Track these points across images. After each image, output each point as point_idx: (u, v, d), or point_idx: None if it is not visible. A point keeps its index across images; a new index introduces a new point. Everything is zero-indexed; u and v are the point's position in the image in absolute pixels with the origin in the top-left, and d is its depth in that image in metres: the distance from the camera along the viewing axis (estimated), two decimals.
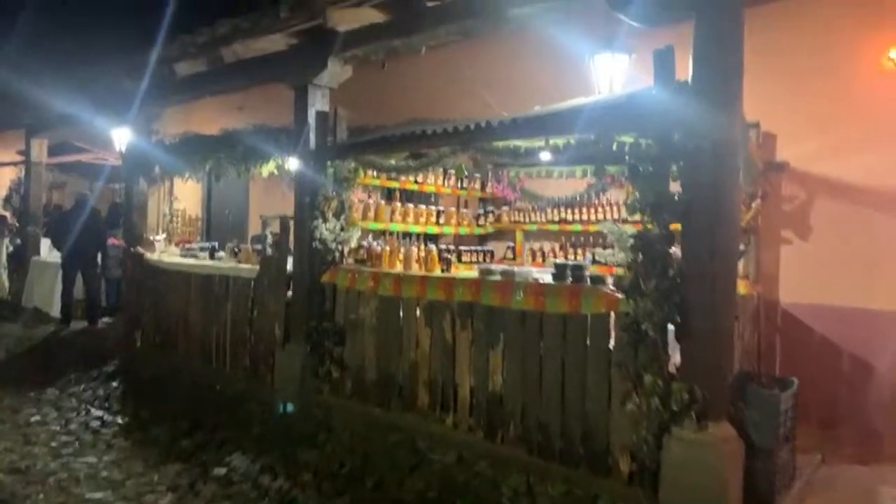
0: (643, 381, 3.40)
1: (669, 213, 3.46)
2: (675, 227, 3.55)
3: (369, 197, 6.07)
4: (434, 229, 6.67)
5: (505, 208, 7.30)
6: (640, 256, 3.48)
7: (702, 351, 3.43)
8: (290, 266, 5.85)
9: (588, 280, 4.11)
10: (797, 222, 5.45)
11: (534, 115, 4.19)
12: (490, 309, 4.45)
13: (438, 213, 6.69)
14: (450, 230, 6.89)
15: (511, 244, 7.22)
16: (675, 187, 3.58)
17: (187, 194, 11.64)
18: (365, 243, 5.79)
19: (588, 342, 3.97)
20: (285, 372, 5.72)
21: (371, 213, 5.96)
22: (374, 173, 5.86)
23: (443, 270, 5.07)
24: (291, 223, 5.85)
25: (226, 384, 6.04)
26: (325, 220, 5.54)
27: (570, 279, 4.18)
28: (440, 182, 6.68)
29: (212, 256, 7.06)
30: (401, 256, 5.57)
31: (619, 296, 3.76)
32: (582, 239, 6.63)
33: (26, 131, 10.26)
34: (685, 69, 3.58)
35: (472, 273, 5.27)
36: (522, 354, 4.29)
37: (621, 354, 3.70)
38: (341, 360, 5.42)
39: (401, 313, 5.04)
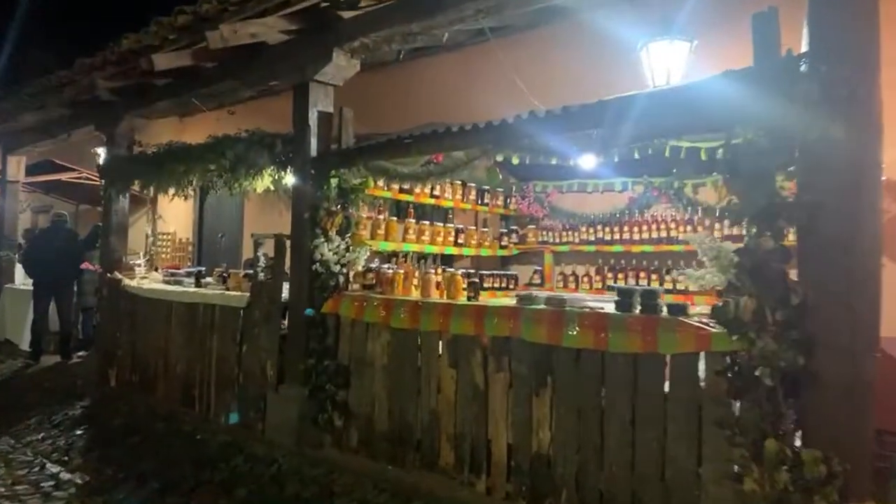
0: (763, 447, 2.50)
1: (788, 220, 2.60)
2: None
3: (379, 213, 5.22)
4: (453, 250, 5.80)
5: (531, 227, 6.45)
6: (749, 279, 2.61)
7: (837, 406, 2.54)
8: (285, 293, 4.98)
9: (664, 309, 3.24)
10: (893, 241, 4.57)
11: (593, 104, 3.36)
12: (532, 346, 3.57)
13: (457, 232, 5.83)
14: (470, 251, 6.03)
15: (538, 267, 6.35)
16: None
17: (178, 216, 10.84)
18: (374, 266, 4.93)
19: (667, 391, 3.09)
20: (279, 419, 4.82)
21: (381, 231, 5.10)
22: (385, 185, 5.02)
23: (469, 298, 4.20)
24: (288, 243, 5.00)
25: (209, 433, 5.12)
26: (328, 239, 4.69)
27: (640, 308, 3.30)
28: (458, 196, 5.83)
29: (198, 283, 6.19)
30: (416, 281, 4.70)
31: (713, 330, 2.89)
32: (623, 262, 5.76)
33: (2, 148, 9.46)
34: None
35: (504, 301, 4.39)
36: (577, 404, 3.39)
37: (721, 409, 2.81)
38: (346, 406, 4.52)
39: (419, 350, 4.16)
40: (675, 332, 3.03)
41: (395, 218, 5.34)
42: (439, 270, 5.18)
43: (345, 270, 4.76)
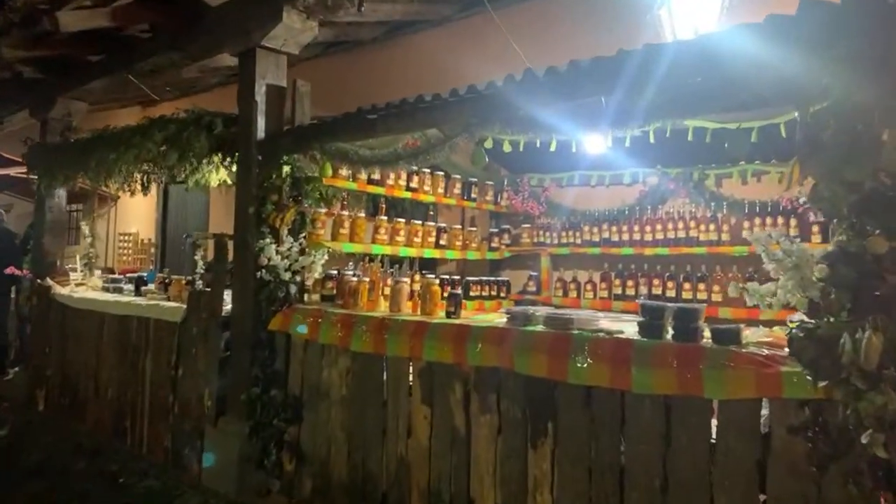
0: None
1: None
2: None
3: (342, 208, 4.36)
4: (434, 253, 4.94)
5: (526, 226, 5.59)
6: (850, 299, 1.76)
7: None
8: (229, 305, 4.12)
9: (707, 335, 2.39)
10: None
11: (610, 58, 2.51)
12: (528, 381, 2.72)
13: (439, 232, 4.97)
14: (454, 254, 5.16)
15: (534, 273, 5.49)
16: None
17: (141, 215, 9.98)
18: (335, 272, 4.06)
19: (716, 448, 2.24)
20: (218, 459, 3.94)
21: (344, 231, 4.24)
22: (350, 174, 4.17)
23: (449, 314, 3.35)
24: (231, 244, 4.14)
25: (136, 475, 4.23)
26: (277, 240, 3.83)
27: (673, 333, 2.45)
28: (441, 189, 4.97)
29: (137, 290, 5.31)
30: (386, 291, 3.84)
31: (783, 368, 2.05)
32: (633, 266, 4.92)
33: None
34: None
35: (492, 318, 3.54)
36: (588, 459, 2.55)
37: (795, 482, 1.97)
38: (297, 447, 3.66)
39: (385, 380, 3.31)
40: (726, 370, 2.18)
41: (362, 214, 4.48)
42: (416, 277, 4.33)
43: (298, 278, 3.89)
